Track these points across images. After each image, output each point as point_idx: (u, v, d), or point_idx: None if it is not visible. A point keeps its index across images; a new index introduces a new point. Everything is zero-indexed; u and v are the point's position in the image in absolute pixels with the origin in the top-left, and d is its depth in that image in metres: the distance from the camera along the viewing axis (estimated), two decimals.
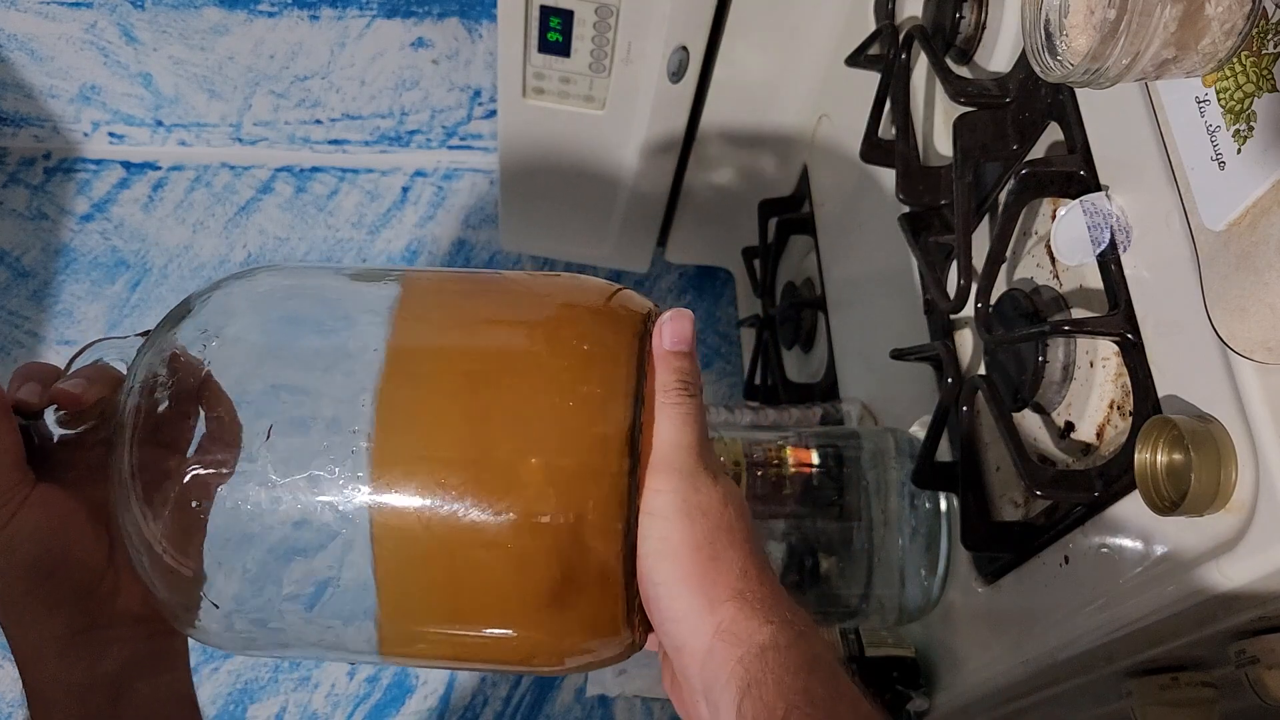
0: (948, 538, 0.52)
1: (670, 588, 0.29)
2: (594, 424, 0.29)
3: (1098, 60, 0.29)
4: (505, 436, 0.29)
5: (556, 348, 0.30)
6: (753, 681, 0.28)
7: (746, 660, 0.28)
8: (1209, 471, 0.32)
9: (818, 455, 0.54)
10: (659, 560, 0.29)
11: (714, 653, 0.29)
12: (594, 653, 0.31)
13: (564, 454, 0.29)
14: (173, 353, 0.31)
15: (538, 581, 0.29)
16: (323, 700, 0.85)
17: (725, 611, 0.29)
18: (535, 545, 0.29)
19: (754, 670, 0.28)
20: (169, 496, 0.29)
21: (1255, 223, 0.30)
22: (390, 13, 0.94)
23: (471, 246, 1.03)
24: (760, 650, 0.28)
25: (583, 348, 0.30)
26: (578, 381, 0.30)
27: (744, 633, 0.29)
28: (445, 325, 0.31)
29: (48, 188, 1.02)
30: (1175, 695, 0.39)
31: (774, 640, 0.28)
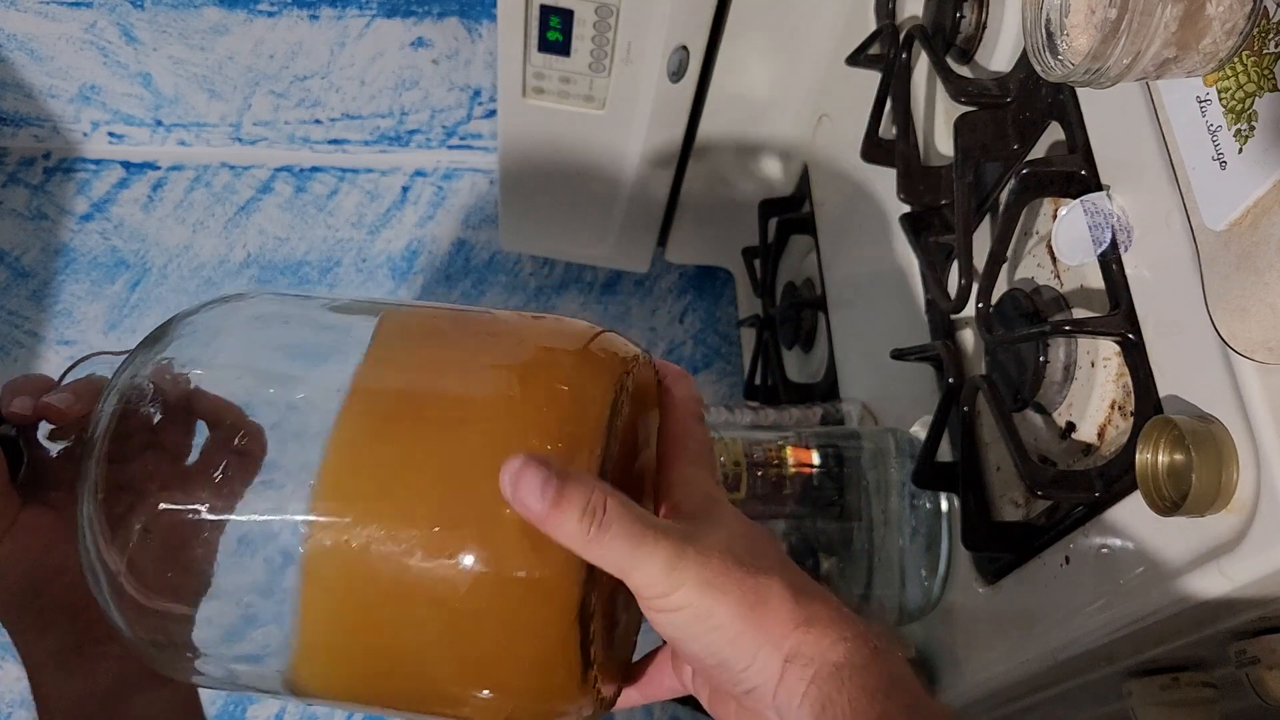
0: (948, 538, 0.52)
1: (729, 648, 0.27)
2: None
3: (1099, 60, 0.29)
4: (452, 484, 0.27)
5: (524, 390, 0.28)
6: (828, 701, 0.27)
7: (820, 680, 0.27)
8: (1210, 472, 0.32)
9: (818, 455, 0.54)
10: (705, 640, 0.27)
11: (786, 680, 0.27)
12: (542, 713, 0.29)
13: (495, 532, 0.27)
14: (147, 378, 0.30)
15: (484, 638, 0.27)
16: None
17: (791, 641, 0.27)
18: (481, 601, 0.27)
19: (828, 691, 0.27)
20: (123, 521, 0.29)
21: (1256, 222, 0.30)
22: (390, 12, 0.94)
23: (471, 246, 1.03)
24: (835, 669, 0.27)
25: (557, 388, 0.28)
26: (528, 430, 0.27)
27: (815, 652, 0.27)
28: (410, 366, 0.30)
29: (47, 187, 1.02)
30: (1176, 695, 0.39)
31: (849, 659, 0.27)
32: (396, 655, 0.28)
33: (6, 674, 0.85)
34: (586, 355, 0.29)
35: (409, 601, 0.27)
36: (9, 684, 0.85)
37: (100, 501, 0.29)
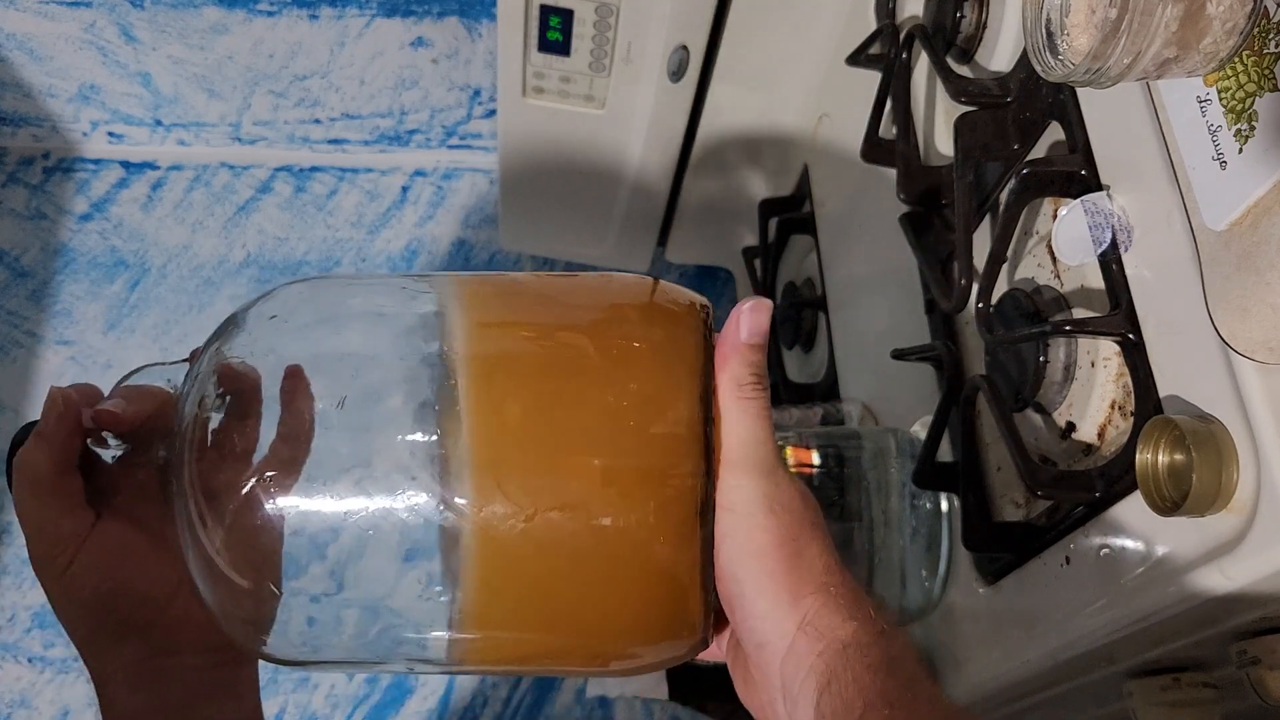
0: (948, 538, 0.52)
1: (754, 585, 0.29)
2: (662, 424, 0.29)
3: (1099, 60, 0.29)
4: (577, 442, 0.29)
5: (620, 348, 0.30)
6: (833, 677, 0.28)
7: (827, 655, 0.28)
8: (1210, 472, 0.32)
9: (818, 455, 0.54)
10: (744, 559, 0.29)
11: (795, 647, 0.28)
12: (667, 654, 0.31)
13: (630, 456, 0.29)
14: (226, 365, 0.31)
15: (613, 586, 0.29)
16: (322, 700, 0.85)
17: (809, 605, 0.28)
18: (611, 550, 0.29)
19: (834, 666, 0.28)
20: (230, 509, 0.29)
21: (1257, 222, 0.30)
22: (390, 12, 0.94)
23: (471, 246, 1.03)
24: (842, 646, 0.28)
25: (634, 346, 0.30)
26: (639, 381, 0.29)
27: (827, 627, 0.28)
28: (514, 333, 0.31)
29: (46, 187, 1.02)
30: (1176, 696, 0.39)
31: (856, 637, 0.28)
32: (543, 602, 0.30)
33: (6, 674, 0.85)
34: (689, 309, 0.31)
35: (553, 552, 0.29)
36: (9, 684, 0.85)
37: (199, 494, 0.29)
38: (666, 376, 0.30)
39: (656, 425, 0.29)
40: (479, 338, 0.31)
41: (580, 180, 0.83)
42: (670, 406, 0.29)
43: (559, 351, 0.30)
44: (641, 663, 0.31)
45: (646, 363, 0.30)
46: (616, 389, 0.29)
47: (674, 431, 0.29)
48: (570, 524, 0.28)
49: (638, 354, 0.30)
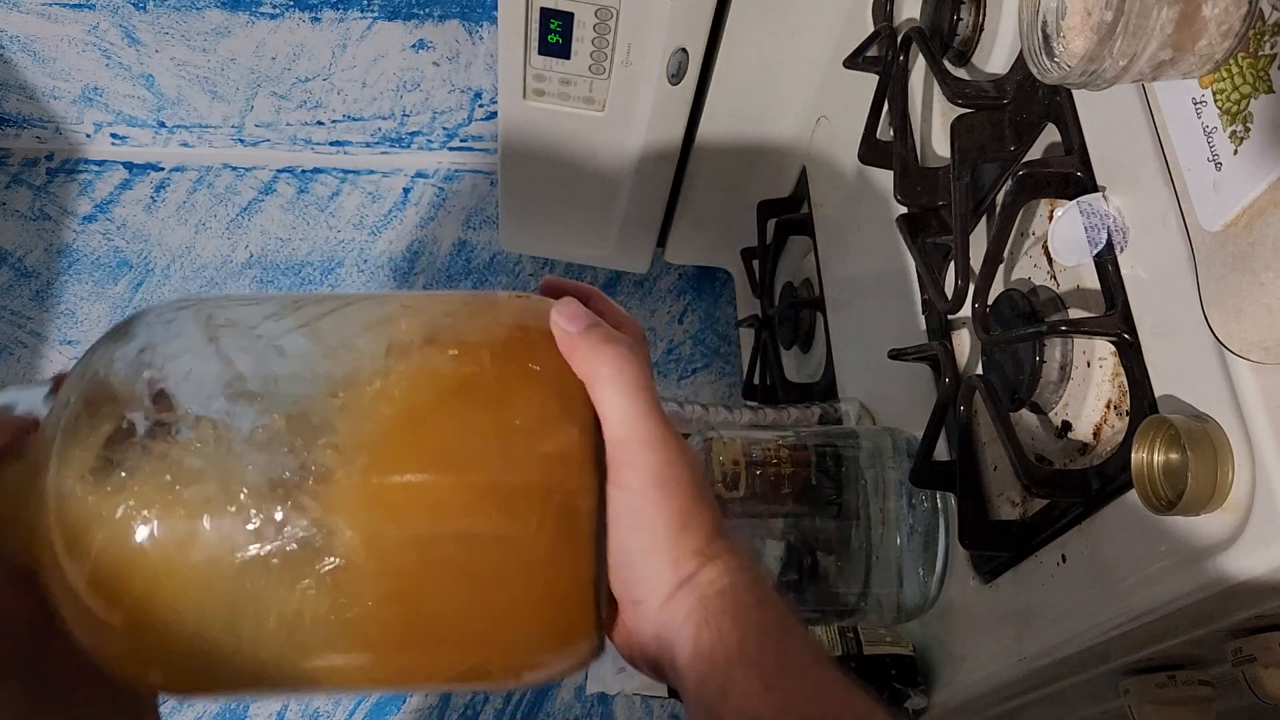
0: (945, 536, 0.52)
1: (639, 554, 0.30)
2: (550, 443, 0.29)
3: (1095, 62, 0.29)
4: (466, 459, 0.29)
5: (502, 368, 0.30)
6: (710, 615, 0.29)
7: (706, 599, 0.29)
8: (1205, 471, 0.32)
9: (816, 455, 0.54)
10: (631, 532, 0.29)
11: (672, 600, 0.29)
12: (556, 665, 0.31)
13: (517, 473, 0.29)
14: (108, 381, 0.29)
15: (509, 603, 0.29)
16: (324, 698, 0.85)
17: (689, 567, 0.29)
18: (504, 567, 0.29)
19: (712, 607, 0.29)
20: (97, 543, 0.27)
21: (1251, 223, 0.30)
22: (391, 15, 0.94)
23: (472, 247, 1.03)
24: (718, 591, 0.29)
25: (531, 368, 0.30)
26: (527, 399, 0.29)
27: (705, 579, 0.29)
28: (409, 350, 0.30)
29: (50, 189, 1.02)
30: (1172, 693, 0.39)
31: (732, 583, 0.29)
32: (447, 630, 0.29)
33: None
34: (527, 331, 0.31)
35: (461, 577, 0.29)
36: None
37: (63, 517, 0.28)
38: (552, 395, 0.30)
39: (545, 444, 0.29)
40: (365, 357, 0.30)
41: (580, 182, 0.83)
42: (558, 426, 0.29)
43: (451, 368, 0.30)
44: (525, 678, 0.31)
45: (534, 382, 0.30)
46: (506, 408, 0.29)
47: (561, 450, 0.29)
48: (460, 542, 0.28)
49: (530, 375, 0.30)
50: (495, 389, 0.30)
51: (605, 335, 0.30)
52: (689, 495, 0.30)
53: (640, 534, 0.29)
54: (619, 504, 0.29)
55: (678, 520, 0.29)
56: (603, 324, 0.31)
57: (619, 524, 0.29)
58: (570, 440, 0.29)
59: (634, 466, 0.29)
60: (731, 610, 0.29)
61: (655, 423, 0.30)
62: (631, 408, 0.30)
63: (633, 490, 0.29)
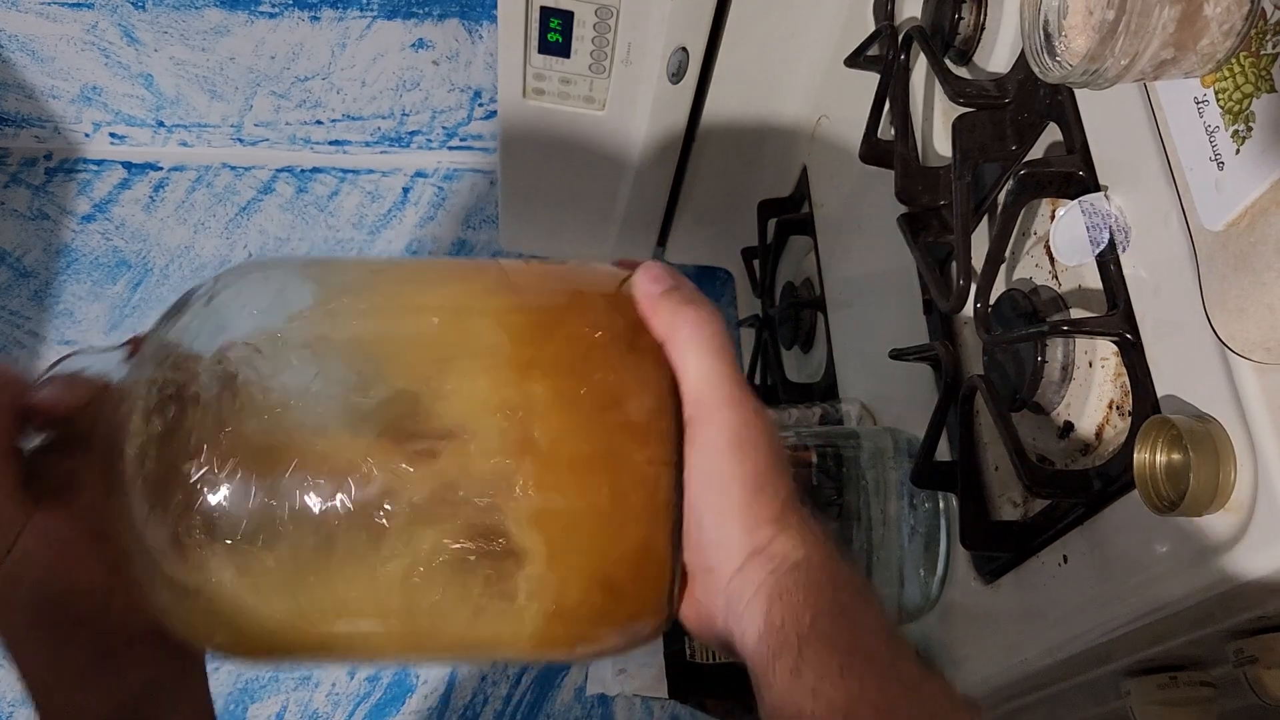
0: (947, 537, 0.52)
1: (712, 516, 0.29)
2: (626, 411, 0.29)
3: (1096, 61, 0.29)
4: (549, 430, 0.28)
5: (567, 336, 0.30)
6: (784, 590, 0.28)
7: (779, 573, 0.28)
8: (1208, 471, 0.32)
9: (817, 455, 0.54)
10: (705, 493, 0.29)
11: (745, 569, 0.29)
12: (623, 638, 0.30)
13: (586, 442, 0.28)
14: (175, 349, 0.29)
15: (572, 571, 0.29)
16: (323, 699, 0.85)
17: (763, 535, 0.29)
18: (582, 535, 0.28)
19: (785, 582, 0.28)
20: (175, 506, 0.28)
21: (1254, 223, 0.30)
22: (391, 14, 0.94)
23: (472, 247, 1.03)
24: (793, 565, 0.28)
25: (595, 335, 0.30)
26: (601, 370, 0.29)
27: (779, 552, 0.29)
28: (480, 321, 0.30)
29: (49, 188, 1.02)
30: (1174, 694, 0.39)
31: (808, 558, 0.28)
32: None
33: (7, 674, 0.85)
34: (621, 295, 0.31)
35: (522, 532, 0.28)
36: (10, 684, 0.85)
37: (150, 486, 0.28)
38: (628, 365, 0.29)
39: (619, 413, 0.29)
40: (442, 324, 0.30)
41: (580, 181, 0.83)
42: (634, 394, 0.29)
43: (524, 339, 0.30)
44: (609, 645, 0.31)
45: (608, 351, 0.29)
46: (580, 377, 0.29)
47: (638, 419, 0.29)
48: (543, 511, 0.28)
49: (599, 342, 0.29)
50: (561, 358, 0.29)
51: (687, 296, 0.30)
52: (766, 458, 0.29)
53: (714, 494, 0.29)
54: (695, 462, 0.29)
55: (753, 482, 0.29)
56: (685, 285, 0.31)
57: (694, 483, 0.29)
58: (642, 407, 0.29)
59: (711, 424, 0.29)
60: (805, 585, 0.28)
61: (734, 382, 0.29)
62: (710, 366, 0.29)
63: (709, 448, 0.29)
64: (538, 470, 0.28)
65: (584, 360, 0.29)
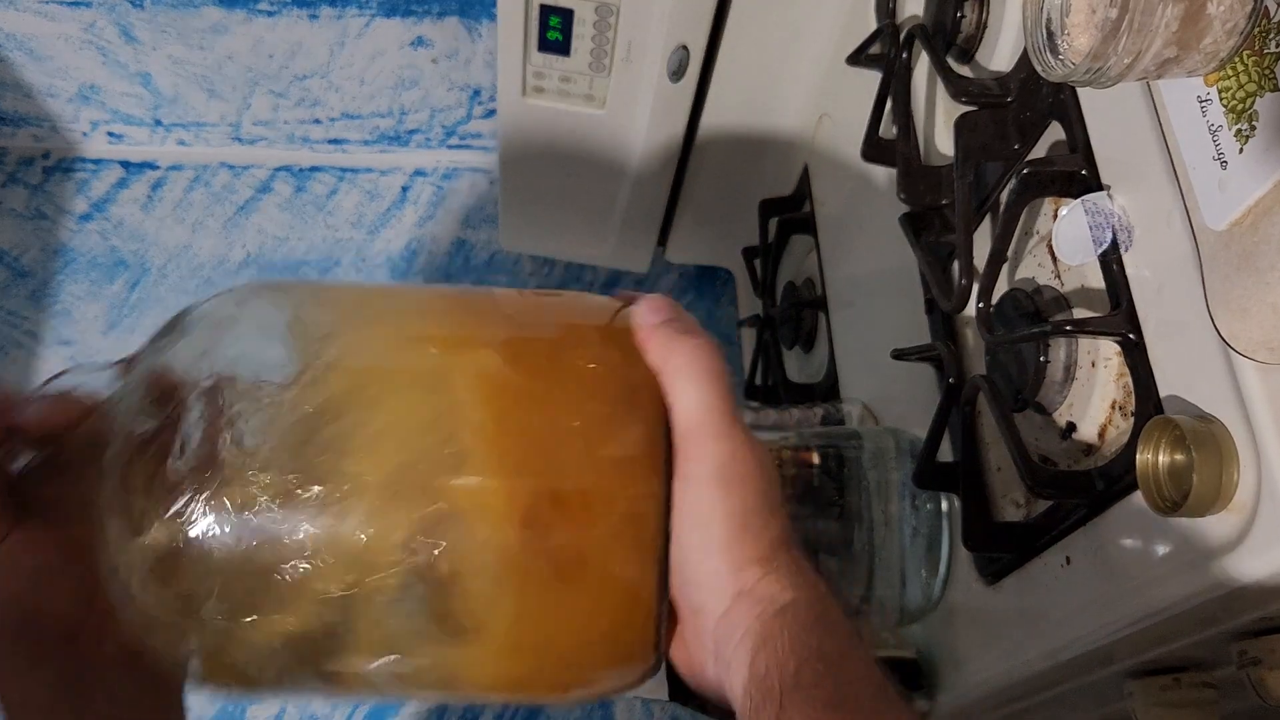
0: (949, 538, 0.52)
1: (698, 553, 0.28)
2: (616, 446, 0.28)
3: (1099, 59, 0.29)
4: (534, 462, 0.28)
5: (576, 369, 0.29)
6: (769, 636, 0.27)
7: (765, 618, 0.28)
8: (1211, 472, 0.31)
9: (818, 455, 0.54)
10: (691, 528, 0.28)
11: (731, 613, 0.28)
12: (608, 682, 0.30)
13: (573, 477, 0.28)
14: (163, 375, 0.29)
15: (568, 610, 0.28)
16: (322, 701, 0.85)
17: (750, 575, 0.28)
18: (566, 573, 0.28)
19: (771, 627, 0.28)
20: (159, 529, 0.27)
21: (1257, 223, 0.30)
22: (389, 12, 0.94)
23: (471, 246, 1.03)
24: (779, 609, 0.28)
25: (588, 368, 0.29)
26: (594, 402, 0.29)
27: (766, 595, 0.28)
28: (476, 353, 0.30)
29: (46, 187, 1.01)
30: (1177, 696, 0.39)
31: (794, 601, 0.28)
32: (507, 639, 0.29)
33: None
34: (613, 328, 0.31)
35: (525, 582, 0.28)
36: None
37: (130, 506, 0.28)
38: (620, 398, 0.29)
39: (608, 448, 0.28)
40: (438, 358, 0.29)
41: (580, 180, 0.83)
42: (621, 430, 0.28)
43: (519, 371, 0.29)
44: (596, 689, 0.30)
45: (600, 384, 0.29)
46: (570, 410, 0.28)
47: (628, 454, 0.28)
48: (525, 547, 0.28)
49: (592, 375, 0.29)
50: (549, 390, 0.29)
51: (685, 327, 0.30)
52: (754, 494, 0.28)
53: (698, 530, 0.28)
54: (681, 496, 0.28)
55: (737, 519, 0.28)
56: (685, 318, 0.30)
57: (679, 518, 0.28)
58: (629, 441, 0.28)
59: (697, 457, 0.28)
60: (791, 631, 0.27)
61: (725, 416, 0.29)
62: (701, 397, 0.29)
63: (693, 480, 0.28)
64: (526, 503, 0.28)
65: (576, 393, 0.29)
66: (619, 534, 0.28)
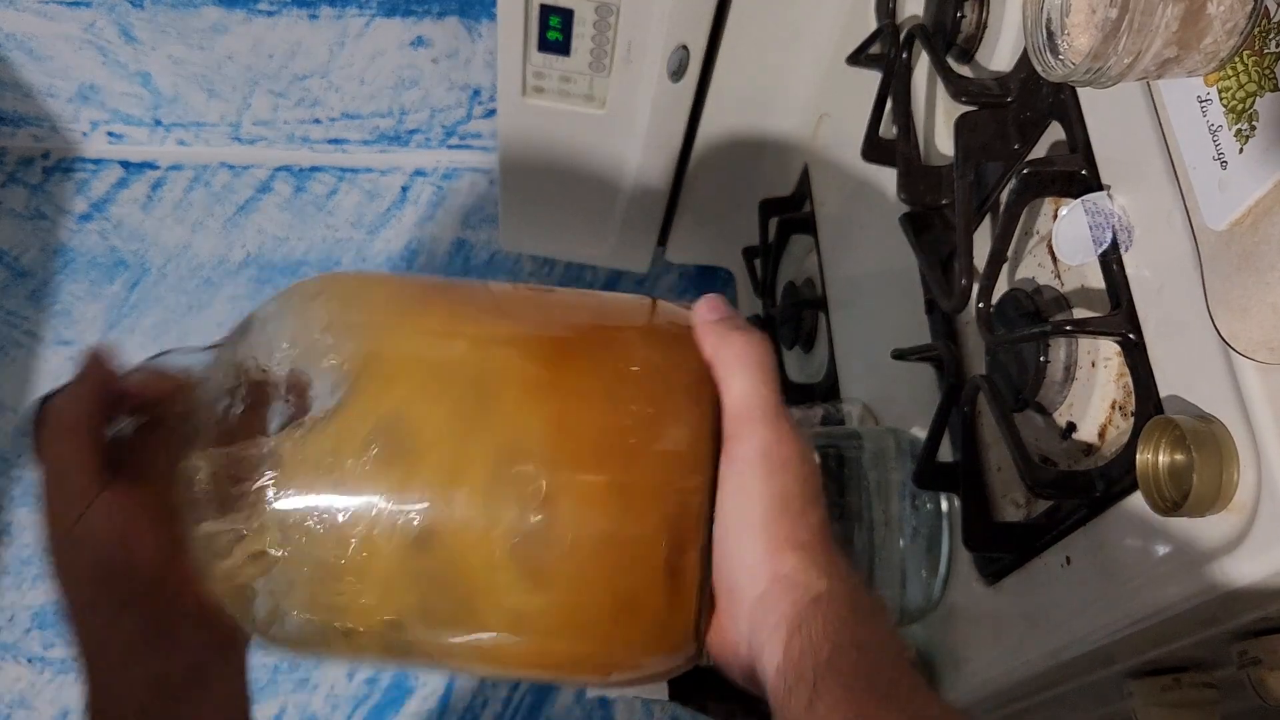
0: (949, 538, 0.52)
1: (737, 535, 0.29)
2: (662, 442, 0.30)
3: (1099, 59, 0.29)
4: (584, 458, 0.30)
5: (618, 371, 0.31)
6: (803, 623, 0.28)
7: (800, 604, 0.28)
8: (1211, 472, 0.31)
9: (818, 456, 0.54)
10: (732, 509, 0.29)
11: (766, 596, 0.29)
12: (654, 666, 0.31)
13: (628, 472, 0.29)
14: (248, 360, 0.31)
15: (605, 596, 0.29)
16: (322, 701, 0.85)
17: (787, 560, 0.29)
18: (613, 562, 0.29)
19: (806, 613, 0.28)
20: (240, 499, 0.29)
21: (1257, 222, 0.30)
22: (389, 12, 0.94)
23: (471, 246, 1.03)
24: (815, 598, 0.28)
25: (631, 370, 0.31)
26: (638, 403, 0.30)
27: (802, 581, 0.29)
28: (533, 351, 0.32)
29: (46, 187, 1.01)
30: (1177, 696, 0.39)
31: (830, 590, 0.29)
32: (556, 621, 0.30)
33: (6, 674, 0.85)
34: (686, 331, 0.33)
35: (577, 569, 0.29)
36: (9, 684, 0.85)
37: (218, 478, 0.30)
38: (663, 397, 0.30)
39: (657, 443, 0.30)
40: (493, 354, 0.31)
41: (580, 180, 0.83)
42: (669, 426, 0.30)
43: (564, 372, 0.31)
44: (641, 674, 0.31)
45: (644, 385, 0.31)
46: (618, 409, 0.30)
47: (674, 449, 0.30)
48: (575, 534, 0.29)
49: (635, 377, 0.31)
50: (598, 387, 0.30)
51: (738, 324, 0.32)
52: (796, 480, 0.29)
53: (740, 509, 0.29)
54: (724, 477, 0.29)
55: (778, 501, 0.29)
56: (738, 316, 0.32)
57: (722, 498, 0.29)
58: (678, 436, 0.30)
59: (743, 439, 0.30)
60: (826, 618, 0.28)
61: (772, 404, 0.30)
62: (751, 385, 0.30)
63: (737, 461, 0.29)
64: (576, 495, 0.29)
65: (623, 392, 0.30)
66: (664, 524, 0.29)
